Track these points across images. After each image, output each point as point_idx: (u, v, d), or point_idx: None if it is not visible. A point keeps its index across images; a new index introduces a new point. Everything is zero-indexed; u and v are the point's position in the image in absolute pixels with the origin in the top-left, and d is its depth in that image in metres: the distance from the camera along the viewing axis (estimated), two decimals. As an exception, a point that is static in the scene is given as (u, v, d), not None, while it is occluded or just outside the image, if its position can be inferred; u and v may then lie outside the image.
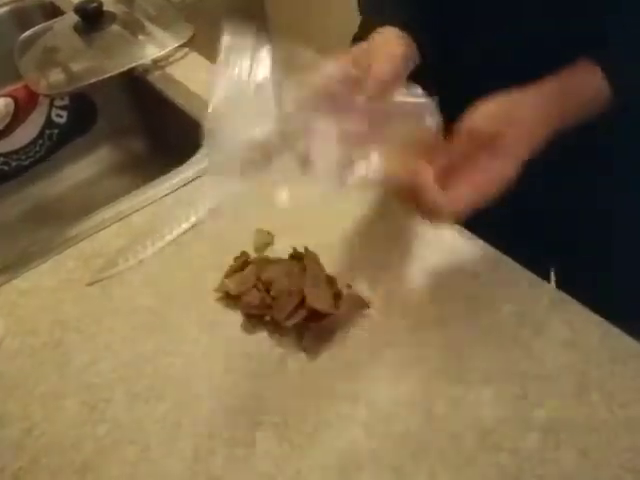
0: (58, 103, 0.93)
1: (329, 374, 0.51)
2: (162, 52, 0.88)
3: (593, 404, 0.47)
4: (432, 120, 0.48)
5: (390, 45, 0.51)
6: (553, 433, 0.46)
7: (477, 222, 0.52)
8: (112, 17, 0.91)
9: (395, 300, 0.56)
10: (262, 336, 0.54)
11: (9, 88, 0.88)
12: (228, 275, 0.58)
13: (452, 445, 0.46)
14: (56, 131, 0.94)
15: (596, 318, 0.52)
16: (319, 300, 0.53)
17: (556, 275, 0.79)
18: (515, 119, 0.46)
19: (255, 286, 0.56)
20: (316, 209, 0.65)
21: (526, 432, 0.46)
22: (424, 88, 0.49)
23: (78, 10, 0.89)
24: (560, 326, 0.52)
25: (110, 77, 0.85)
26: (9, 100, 0.87)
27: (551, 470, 0.44)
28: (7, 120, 0.88)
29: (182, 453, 0.47)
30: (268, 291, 0.55)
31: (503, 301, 0.54)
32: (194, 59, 0.90)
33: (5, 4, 1.07)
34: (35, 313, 0.58)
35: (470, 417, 0.47)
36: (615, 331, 0.51)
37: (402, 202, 0.48)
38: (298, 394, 0.50)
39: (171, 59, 0.89)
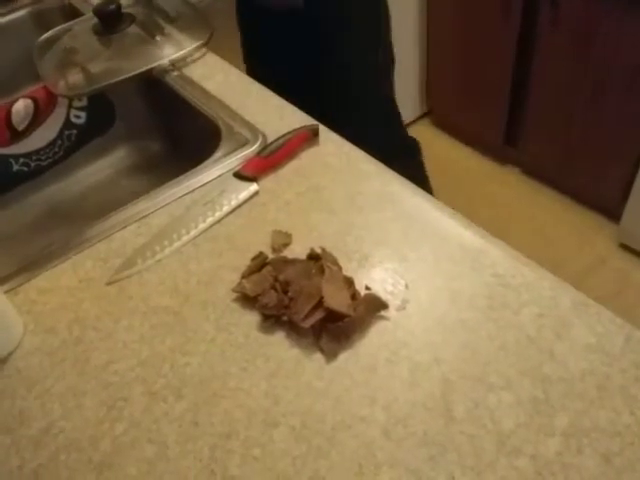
0: (77, 104, 0.93)
1: (346, 375, 0.51)
2: (180, 53, 0.88)
3: (616, 408, 0.46)
4: None
5: None
6: (575, 438, 0.45)
7: None
8: (131, 18, 0.91)
9: (414, 301, 0.55)
10: (279, 337, 0.54)
11: (29, 89, 0.89)
12: (245, 275, 0.58)
13: (471, 449, 0.45)
14: (75, 132, 0.95)
15: (619, 321, 0.51)
16: (337, 301, 0.53)
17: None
18: None
19: (272, 287, 0.56)
20: (334, 210, 0.65)
21: (547, 437, 0.45)
22: None
23: (97, 12, 0.89)
24: (583, 329, 0.51)
25: (128, 78, 0.85)
26: (29, 101, 0.88)
27: (573, 475, 0.43)
28: (27, 121, 0.89)
29: (199, 452, 0.47)
30: (285, 292, 0.55)
31: (524, 303, 0.54)
32: (212, 60, 0.90)
33: (24, 6, 1.08)
34: (54, 312, 0.59)
35: (490, 421, 0.47)
36: (639, 335, 0.50)
37: None
38: (315, 395, 0.50)
39: (189, 60, 0.89)
